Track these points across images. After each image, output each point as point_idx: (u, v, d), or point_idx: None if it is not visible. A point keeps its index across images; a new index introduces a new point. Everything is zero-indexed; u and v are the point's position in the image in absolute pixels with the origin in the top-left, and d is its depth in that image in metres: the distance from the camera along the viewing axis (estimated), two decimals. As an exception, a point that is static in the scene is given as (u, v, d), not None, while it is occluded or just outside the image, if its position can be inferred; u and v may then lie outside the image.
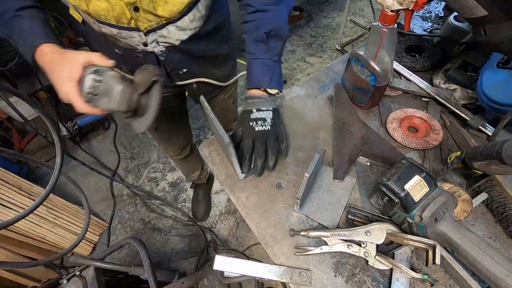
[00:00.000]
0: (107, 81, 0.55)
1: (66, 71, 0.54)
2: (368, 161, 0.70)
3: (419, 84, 0.80)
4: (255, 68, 0.71)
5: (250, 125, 0.65)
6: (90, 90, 0.54)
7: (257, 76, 0.70)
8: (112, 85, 0.55)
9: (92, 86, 0.54)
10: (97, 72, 0.54)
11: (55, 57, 0.57)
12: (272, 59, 0.71)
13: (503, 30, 0.53)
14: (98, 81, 0.54)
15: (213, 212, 1.75)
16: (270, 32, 0.68)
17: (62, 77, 0.55)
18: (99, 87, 0.55)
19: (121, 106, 0.57)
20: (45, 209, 1.39)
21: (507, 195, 0.57)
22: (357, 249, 0.54)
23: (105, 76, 0.55)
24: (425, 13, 1.03)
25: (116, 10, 0.61)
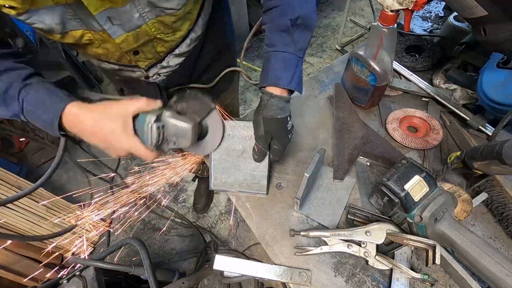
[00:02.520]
0: (172, 124, 0.54)
1: (119, 124, 0.50)
2: (368, 161, 0.70)
3: (419, 84, 0.80)
4: (274, 62, 0.58)
5: (288, 138, 0.60)
6: (159, 138, 0.53)
7: (276, 72, 0.57)
8: (181, 127, 0.54)
9: (159, 134, 0.52)
10: (157, 120, 0.52)
11: (93, 116, 0.51)
12: (296, 54, 0.58)
13: (503, 30, 0.53)
14: (162, 127, 0.53)
15: (213, 212, 1.75)
16: (297, 19, 0.56)
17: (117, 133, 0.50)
18: (165, 132, 0.54)
19: (193, 142, 0.56)
20: (45, 209, 1.39)
21: (507, 195, 0.57)
22: (357, 249, 0.54)
23: (164, 120, 0.54)
24: (425, 13, 1.03)
25: (116, 54, 0.60)
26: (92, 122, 0.50)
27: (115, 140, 0.51)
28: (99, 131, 0.50)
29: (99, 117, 0.50)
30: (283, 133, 0.59)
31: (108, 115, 0.50)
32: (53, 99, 0.51)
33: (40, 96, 0.51)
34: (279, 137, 0.59)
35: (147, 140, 0.52)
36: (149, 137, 0.52)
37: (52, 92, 0.52)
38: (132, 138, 0.51)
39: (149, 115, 0.52)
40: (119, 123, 0.50)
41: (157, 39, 0.61)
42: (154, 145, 0.52)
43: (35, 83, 0.53)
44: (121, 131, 0.50)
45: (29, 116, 0.52)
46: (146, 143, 0.52)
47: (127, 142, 0.51)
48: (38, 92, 0.51)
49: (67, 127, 0.52)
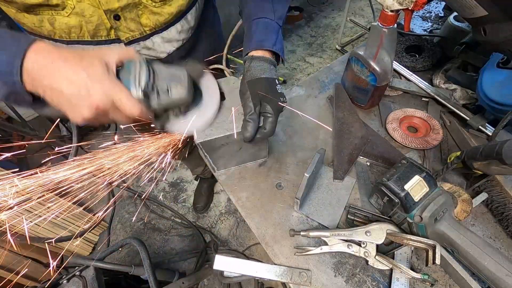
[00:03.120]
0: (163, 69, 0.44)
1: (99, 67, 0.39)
2: (368, 161, 0.70)
3: (419, 84, 0.80)
4: (256, 28, 0.57)
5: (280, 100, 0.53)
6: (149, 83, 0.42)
7: (260, 36, 0.56)
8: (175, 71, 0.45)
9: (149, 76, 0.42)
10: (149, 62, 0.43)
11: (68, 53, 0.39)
12: (277, 22, 0.59)
13: (503, 30, 0.53)
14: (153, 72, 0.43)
15: (213, 212, 1.75)
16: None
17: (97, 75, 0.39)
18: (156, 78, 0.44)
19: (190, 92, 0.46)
20: (45, 209, 1.39)
21: (507, 195, 0.57)
22: (357, 249, 0.54)
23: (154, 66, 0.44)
24: (425, 13, 1.03)
25: (93, 22, 0.53)
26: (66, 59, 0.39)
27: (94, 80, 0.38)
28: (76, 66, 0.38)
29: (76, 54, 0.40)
30: (272, 94, 0.52)
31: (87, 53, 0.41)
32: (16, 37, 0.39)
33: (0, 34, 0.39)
34: (269, 99, 0.51)
35: (135, 83, 0.42)
36: (136, 78, 0.41)
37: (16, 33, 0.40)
38: (115, 79, 0.41)
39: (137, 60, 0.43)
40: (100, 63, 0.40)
41: (144, 5, 0.55)
42: (144, 86, 0.42)
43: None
44: (102, 71, 0.39)
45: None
46: (133, 88, 0.41)
47: (109, 82, 0.39)
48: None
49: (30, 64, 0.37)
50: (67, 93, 0.38)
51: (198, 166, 1.56)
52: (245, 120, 0.51)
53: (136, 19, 0.57)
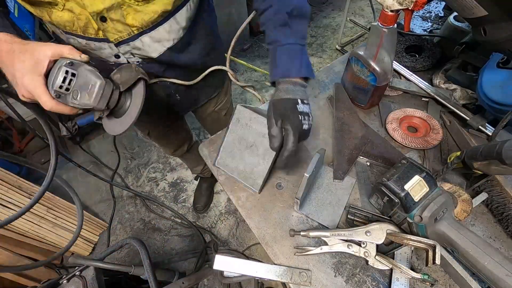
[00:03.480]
0: (84, 75, 0.49)
1: (30, 62, 0.47)
2: (368, 161, 0.70)
3: (419, 84, 0.80)
4: (280, 55, 0.59)
5: (299, 120, 0.54)
6: (62, 84, 0.48)
7: (284, 65, 0.58)
8: (91, 79, 0.50)
9: (65, 79, 0.48)
10: (72, 64, 0.48)
11: (15, 46, 0.48)
12: (299, 43, 0.59)
13: (503, 30, 0.53)
14: (72, 75, 0.48)
15: (213, 212, 1.75)
16: (292, 11, 0.58)
17: (25, 69, 0.47)
18: (74, 81, 0.49)
19: (100, 103, 0.51)
20: (45, 209, 1.40)
21: (507, 195, 0.57)
22: (357, 249, 0.54)
23: (80, 69, 0.49)
24: (425, 13, 1.03)
25: (82, 20, 0.56)
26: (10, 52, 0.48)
27: (21, 76, 0.47)
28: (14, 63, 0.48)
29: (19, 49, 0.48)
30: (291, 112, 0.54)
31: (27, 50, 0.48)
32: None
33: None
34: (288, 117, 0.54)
35: (49, 83, 0.48)
36: (52, 79, 0.47)
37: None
38: (37, 77, 0.47)
39: (62, 60, 0.48)
40: (32, 59, 0.47)
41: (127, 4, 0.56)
42: (56, 87, 0.47)
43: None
44: (30, 66, 0.47)
45: None
46: (49, 86, 0.48)
47: (28, 77, 0.47)
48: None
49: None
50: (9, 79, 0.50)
51: (198, 164, 1.56)
52: (269, 134, 0.55)
53: (121, 20, 0.58)
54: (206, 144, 0.78)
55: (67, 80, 0.48)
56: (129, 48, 0.64)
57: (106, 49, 0.64)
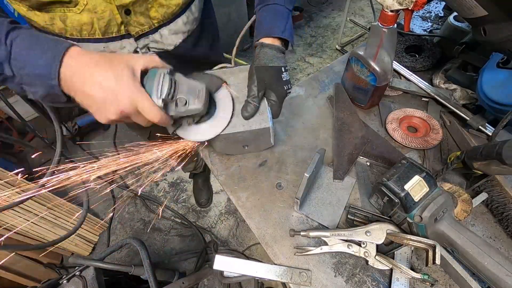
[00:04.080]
0: (185, 82, 0.48)
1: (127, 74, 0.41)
2: (368, 161, 0.70)
3: (419, 84, 0.80)
4: (266, 15, 0.60)
5: (285, 90, 0.56)
6: (170, 92, 0.45)
7: (269, 22, 0.59)
8: (196, 84, 0.49)
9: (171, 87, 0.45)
10: (171, 74, 0.47)
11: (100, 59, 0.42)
12: (286, 7, 0.60)
13: (503, 30, 0.53)
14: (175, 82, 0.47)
15: (213, 212, 1.75)
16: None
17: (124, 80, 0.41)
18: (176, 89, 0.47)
19: (205, 106, 0.50)
20: (45, 209, 1.39)
21: (507, 195, 0.57)
22: (357, 249, 0.54)
23: (177, 77, 0.48)
24: (425, 13, 1.03)
25: (105, 18, 0.55)
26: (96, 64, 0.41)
27: (121, 85, 0.41)
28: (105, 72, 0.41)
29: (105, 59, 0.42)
30: (277, 82, 0.56)
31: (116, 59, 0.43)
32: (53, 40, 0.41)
33: (35, 38, 0.41)
34: (273, 87, 0.55)
35: (157, 92, 0.44)
36: (159, 88, 0.44)
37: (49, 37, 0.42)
38: (140, 87, 0.43)
39: (161, 69, 0.46)
40: (128, 69, 0.42)
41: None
42: (164, 97, 0.45)
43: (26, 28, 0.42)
44: (129, 77, 0.42)
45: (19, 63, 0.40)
46: (154, 96, 0.44)
47: (134, 89, 0.42)
48: (32, 35, 0.41)
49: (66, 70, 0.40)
50: (96, 97, 0.41)
51: (190, 162, 1.57)
52: (247, 101, 0.56)
53: (145, 13, 0.59)
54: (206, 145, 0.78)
55: (172, 88, 0.46)
56: (148, 41, 0.65)
57: (125, 47, 0.63)
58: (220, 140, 0.61)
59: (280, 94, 0.56)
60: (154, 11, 0.59)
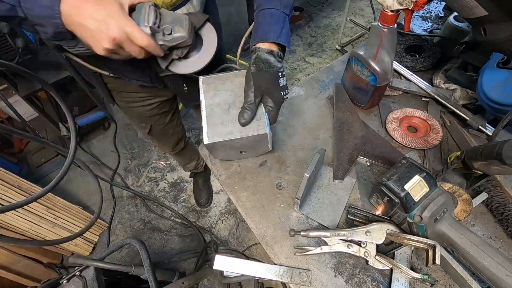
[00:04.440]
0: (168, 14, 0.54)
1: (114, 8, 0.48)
2: (368, 161, 0.70)
3: (419, 84, 0.80)
4: (262, 19, 0.60)
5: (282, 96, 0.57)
6: (156, 21, 0.51)
7: (264, 27, 0.59)
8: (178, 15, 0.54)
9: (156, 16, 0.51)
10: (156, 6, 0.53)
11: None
12: (283, 11, 0.61)
13: (503, 30, 0.53)
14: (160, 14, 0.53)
15: (213, 212, 1.75)
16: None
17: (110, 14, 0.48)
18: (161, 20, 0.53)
19: (191, 36, 0.55)
20: (45, 209, 1.39)
21: (507, 195, 0.57)
22: (357, 249, 0.54)
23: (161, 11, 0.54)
24: (425, 13, 1.03)
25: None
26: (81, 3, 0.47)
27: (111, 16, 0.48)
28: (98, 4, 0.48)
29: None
30: (274, 88, 0.56)
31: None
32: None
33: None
34: (271, 93, 0.56)
35: (144, 21, 0.51)
36: (145, 17, 0.51)
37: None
38: (128, 17, 0.50)
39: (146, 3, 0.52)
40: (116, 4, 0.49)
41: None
42: (151, 24, 0.51)
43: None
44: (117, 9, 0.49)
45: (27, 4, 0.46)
46: (142, 25, 0.51)
47: (124, 18, 0.49)
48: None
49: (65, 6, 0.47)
50: (90, 28, 0.48)
51: (191, 161, 1.57)
52: (243, 107, 0.56)
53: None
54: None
55: (158, 18, 0.51)
56: None
57: None
58: (217, 147, 0.61)
59: (277, 100, 0.57)
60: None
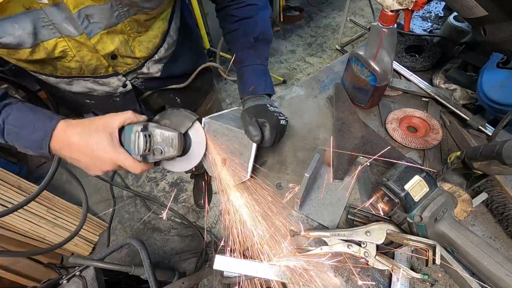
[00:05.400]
0: (159, 132, 0.54)
1: (105, 137, 0.49)
2: (368, 161, 0.70)
3: (419, 84, 0.80)
4: (247, 76, 0.68)
5: (276, 117, 0.61)
6: (145, 148, 0.52)
7: (251, 83, 0.67)
8: (168, 134, 0.54)
9: (146, 142, 0.52)
10: (144, 129, 0.52)
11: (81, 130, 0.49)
12: (263, 64, 0.69)
13: (503, 30, 0.53)
14: (149, 136, 0.53)
15: (213, 212, 1.75)
16: (258, 36, 0.67)
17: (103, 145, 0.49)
18: (152, 141, 0.53)
19: (179, 151, 0.56)
20: (45, 209, 1.39)
21: (507, 195, 0.57)
22: (357, 249, 0.54)
23: (151, 129, 0.54)
24: (425, 13, 1.03)
25: (92, 65, 0.58)
26: (79, 136, 0.49)
27: (101, 151, 0.49)
28: (85, 143, 0.49)
29: (85, 130, 0.49)
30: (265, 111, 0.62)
31: (94, 126, 0.49)
32: (41, 118, 0.49)
33: (24, 116, 0.48)
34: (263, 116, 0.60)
35: (134, 150, 0.52)
36: (135, 146, 0.51)
37: (38, 111, 0.50)
38: (119, 148, 0.50)
39: (135, 125, 0.52)
40: (105, 134, 0.49)
41: (132, 39, 0.60)
42: (141, 153, 0.52)
43: (15, 102, 0.50)
44: (107, 142, 0.49)
45: (12, 137, 0.48)
46: (133, 153, 0.52)
47: (113, 152, 0.50)
48: (21, 111, 0.49)
49: (55, 145, 0.49)
50: (82, 163, 0.51)
51: None
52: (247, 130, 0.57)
53: (131, 55, 0.62)
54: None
55: (148, 143, 0.52)
56: (135, 74, 0.69)
57: (114, 82, 0.67)
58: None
59: (271, 119, 0.59)
60: (138, 51, 0.62)
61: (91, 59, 0.57)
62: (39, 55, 0.51)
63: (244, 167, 0.63)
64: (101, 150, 0.49)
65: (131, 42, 0.60)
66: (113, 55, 0.59)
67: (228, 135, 0.62)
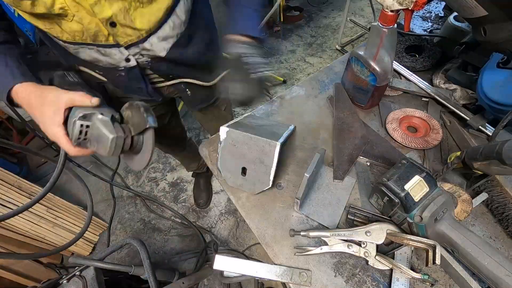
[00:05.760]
0: (97, 127, 0.53)
1: (49, 115, 0.53)
2: (368, 161, 0.70)
3: (419, 84, 0.80)
4: (238, 15, 0.65)
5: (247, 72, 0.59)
6: (80, 136, 0.53)
7: (242, 22, 0.63)
8: (103, 133, 0.53)
9: (81, 132, 0.53)
10: (85, 117, 0.53)
11: (33, 100, 0.55)
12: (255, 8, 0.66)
13: (503, 30, 0.53)
14: (87, 126, 0.53)
15: (213, 212, 1.75)
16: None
17: (46, 121, 0.54)
18: (89, 132, 0.54)
19: (115, 153, 0.55)
20: (45, 209, 1.40)
21: (507, 195, 0.57)
22: (357, 249, 0.54)
23: (93, 120, 0.53)
24: (425, 13, 1.03)
25: (91, 29, 0.58)
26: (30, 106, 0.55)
27: (44, 126, 0.54)
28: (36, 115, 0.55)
29: (37, 103, 0.54)
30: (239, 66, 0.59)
31: (44, 103, 0.54)
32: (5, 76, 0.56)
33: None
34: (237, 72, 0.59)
35: (70, 134, 0.54)
36: (72, 131, 0.53)
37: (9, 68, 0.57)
38: (57, 127, 0.53)
39: (78, 110, 0.53)
40: (50, 109, 0.53)
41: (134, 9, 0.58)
42: (74, 141, 0.53)
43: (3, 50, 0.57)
44: (49, 117, 0.53)
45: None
46: (70, 137, 0.54)
47: (51, 129, 0.54)
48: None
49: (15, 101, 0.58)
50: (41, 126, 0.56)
51: (193, 161, 1.58)
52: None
53: (131, 25, 0.60)
54: (206, 144, 0.78)
55: (83, 133, 0.53)
56: (138, 49, 0.67)
57: (116, 54, 0.65)
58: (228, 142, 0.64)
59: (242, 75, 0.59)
60: (139, 22, 0.60)
61: (90, 23, 0.57)
62: (39, 9, 0.52)
63: (266, 176, 0.62)
64: (46, 122, 0.54)
65: (132, 12, 0.59)
66: (112, 22, 0.58)
67: (248, 143, 0.61)
